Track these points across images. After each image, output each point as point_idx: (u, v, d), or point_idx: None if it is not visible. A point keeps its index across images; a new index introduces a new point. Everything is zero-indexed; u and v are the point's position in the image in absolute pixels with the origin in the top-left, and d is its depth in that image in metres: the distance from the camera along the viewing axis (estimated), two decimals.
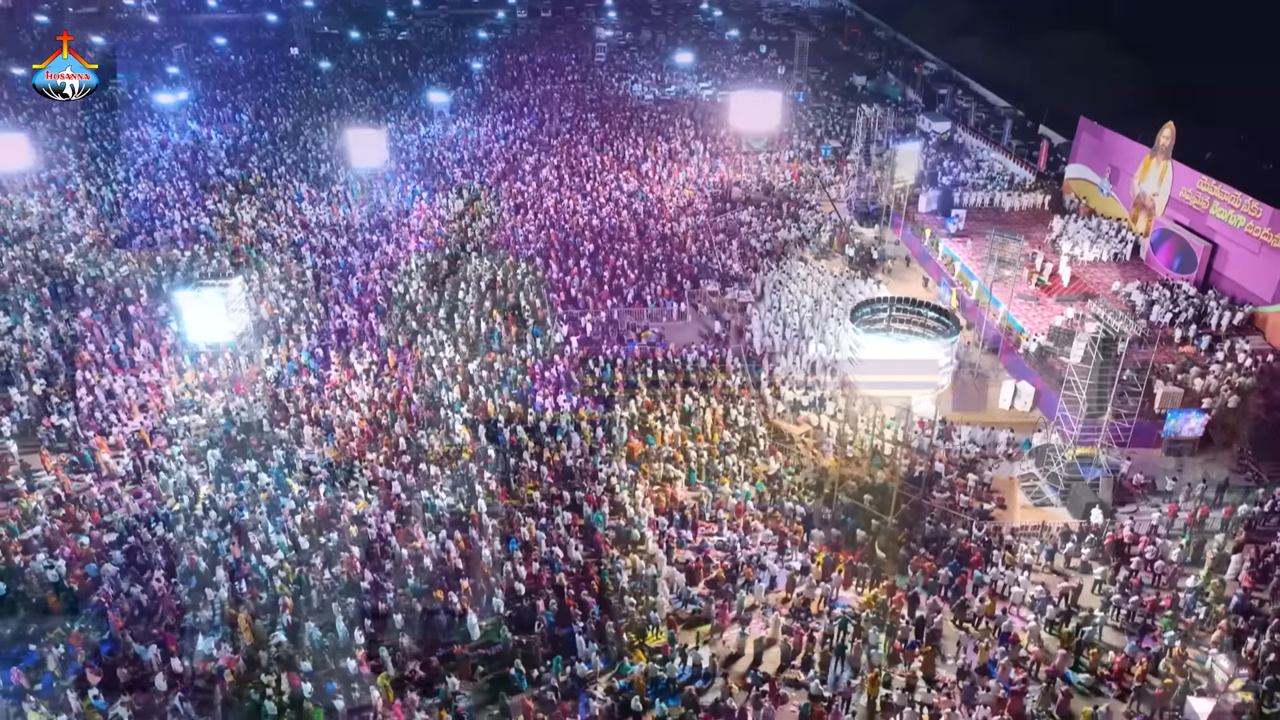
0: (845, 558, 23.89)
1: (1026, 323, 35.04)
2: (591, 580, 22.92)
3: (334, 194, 52.55)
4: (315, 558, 23.93)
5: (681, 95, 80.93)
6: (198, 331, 28.93)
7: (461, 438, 29.00)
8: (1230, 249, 36.53)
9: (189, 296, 27.75)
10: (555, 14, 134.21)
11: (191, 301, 27.78)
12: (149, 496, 26.41)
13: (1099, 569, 23.69)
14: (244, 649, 21.26)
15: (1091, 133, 47.88)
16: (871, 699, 19.94)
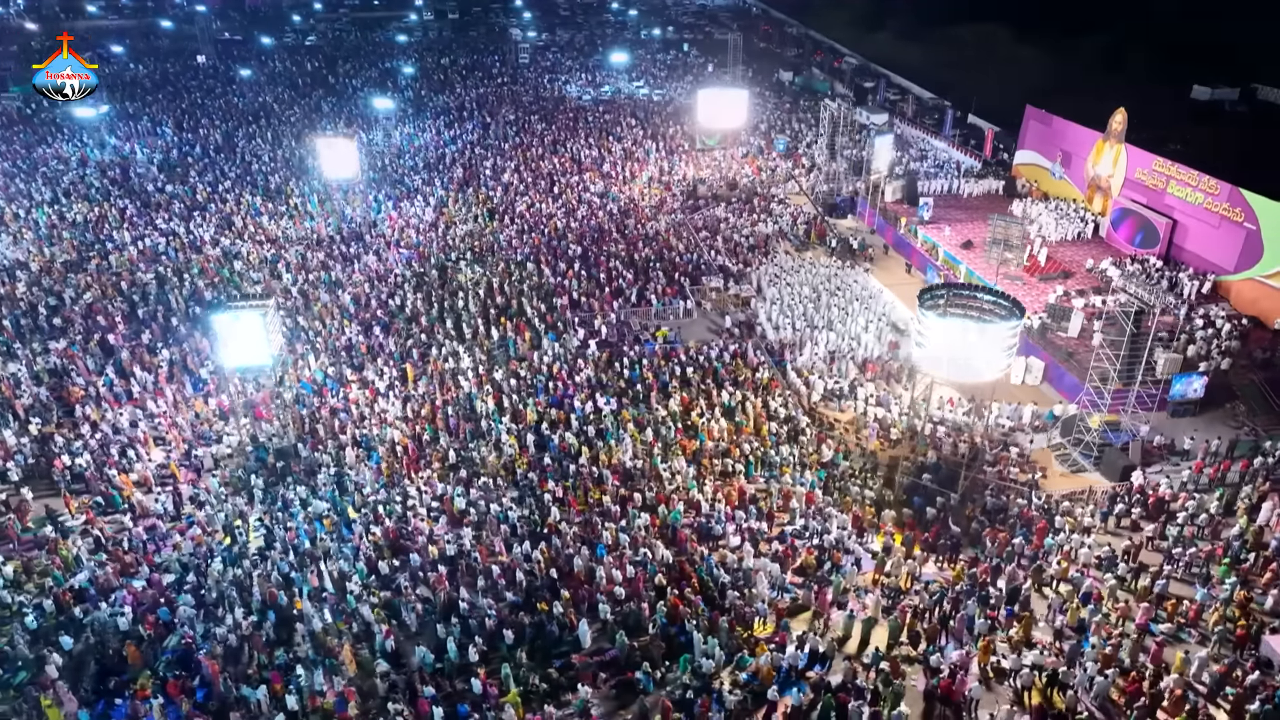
0: (920, 536, 24.83)
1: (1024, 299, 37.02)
2: (690, 578, 23.08)
3: (292, 207, 50.55)
4: (401, 579, 23.25)
5: (618, 95, 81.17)
6: (235, 355, 27.49)
7: (512, 447, 28.58)
8: (1190, 224, 39.53)
9: (227, 319, 26.36)
10: (462, 15, 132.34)
11: (230, 324, 26.39)
12: (199, 532, 24.99)
13: (1149, 526, 25.38)
14: (350, 680, 20.54)
15: (1039, 120, 50.78)
16: (983, 666, 20.88)
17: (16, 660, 20.83)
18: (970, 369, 24.73)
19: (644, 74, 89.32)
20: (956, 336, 23.95)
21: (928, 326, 24.75)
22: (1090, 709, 19.60)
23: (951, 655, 20.88)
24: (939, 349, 24.46)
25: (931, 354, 25.06)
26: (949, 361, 24.57)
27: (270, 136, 64.90)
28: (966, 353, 24.11)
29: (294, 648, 21.50)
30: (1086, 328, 34.55)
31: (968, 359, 24.33)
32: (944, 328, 24.17)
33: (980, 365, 24.47)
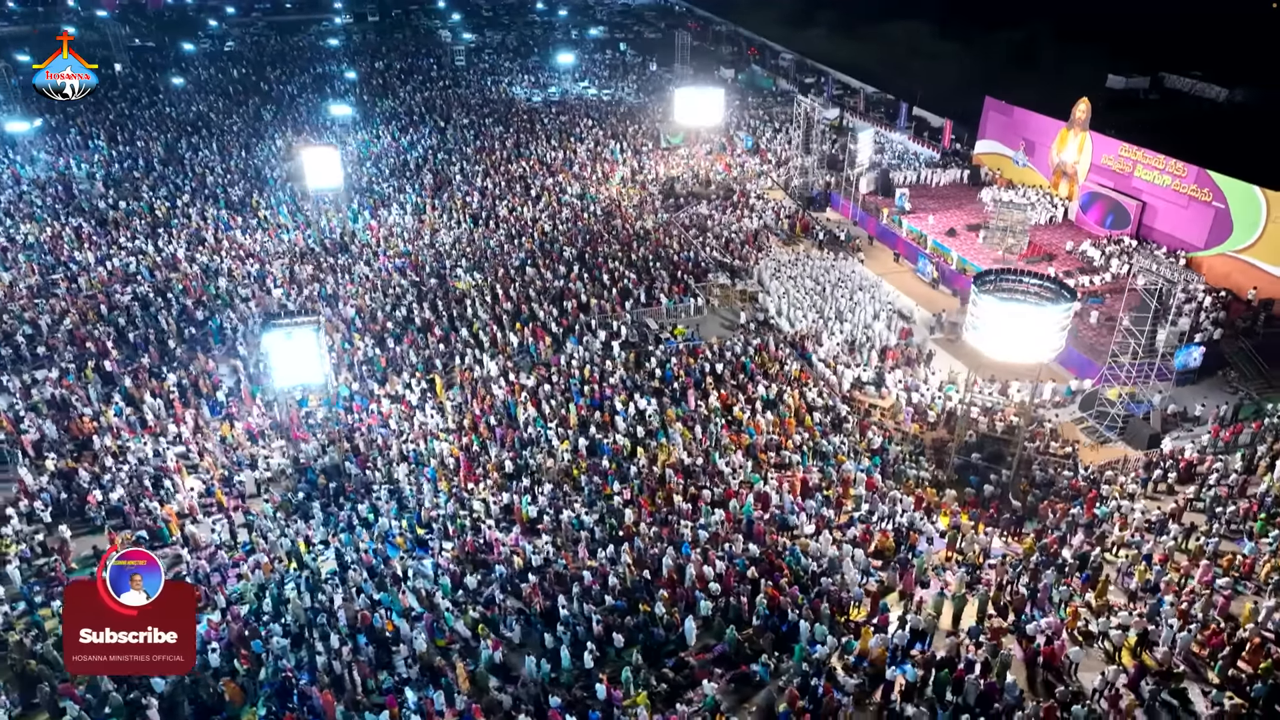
0: (984, 513, 25.86)
1: None
2: (781, 569, 23.45)
3: (262, 219, 48.71)
4: (493, 591, 22.89)
5: (567, 96, 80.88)
6: (287, 374, 26.43)
7: (568, 452, 28.40)
8: (1159, 205, 42.09)
9: (278, 338, 25.31)
10: (383, 18, 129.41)
11: (282, 343, 25.35)
12: (265, 560, 23.99)
13: (1183, 490, 27.04)
14: (466, 697, 20.15)
15: (999, 110, 53.11)
16: (1071, 631, 21.94)
17: (107, 709, 19.67)
18: (1024, 350, 25.86)
19: (588, 74, 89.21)
20: (1012, 319, 25.00)
21: (984, 309, 25.77)
22: (1178, 664, 20.83)
23: (1042, 623, 21.84)
24: (994, 331, 25.49)
25: (986, 336, 26.10)
26: (1003, 343, 25.63)
27: (216, 147, 62.21)
28: (1021, 334, 25.20)
29: (396, 670, 20.98)
30: (1084, 308, 36.47)
31: (1022, 340, 25.43)
32: (1000, 310, 25.19)
33: (1034, 346, 25.62)
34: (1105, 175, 44.92)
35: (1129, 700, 19.50)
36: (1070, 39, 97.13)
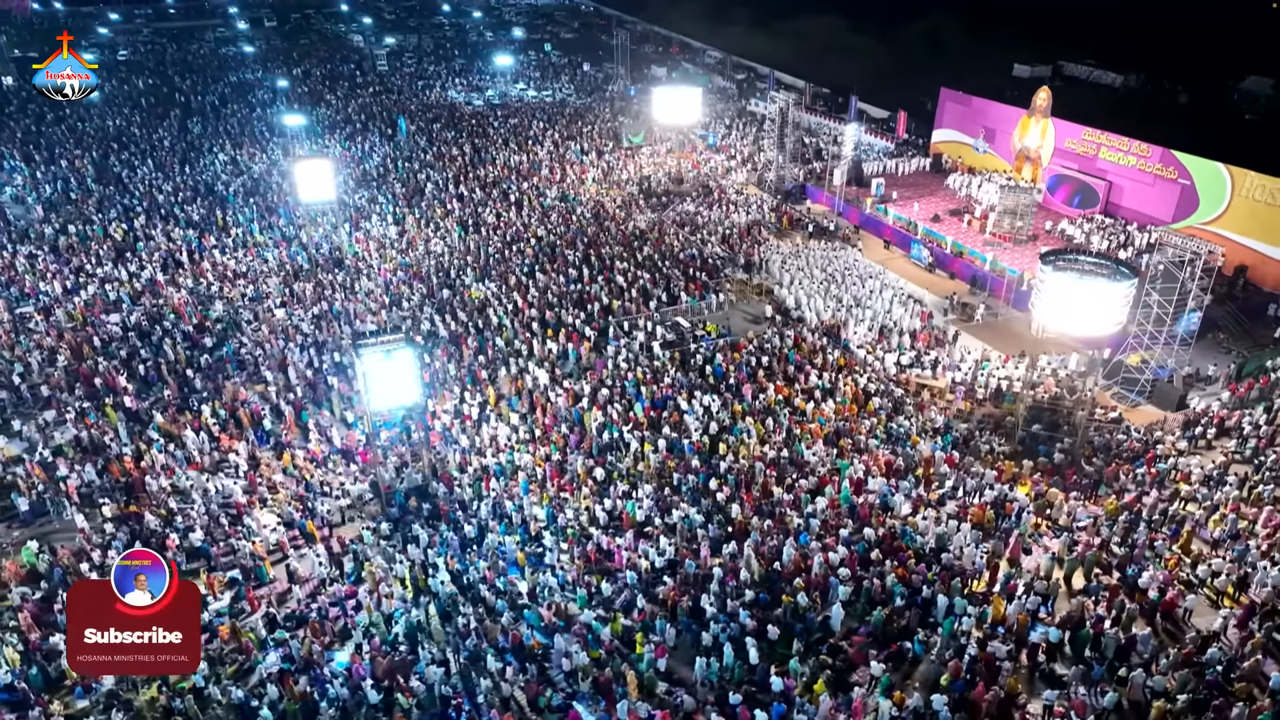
0: (1064, 479, 27.43)
1: (1011, 264, 41.05)
2: (902, 548, 24.26)
3: (235, 238, 46.26)
4: (630, 596, 22.78)
5: (508, 99, 79.83)
6: (383, 397, 25.30)
7: (655, 454, 28.40)
8: (1125, 184, 45.28)
9: (376, 358, 24.20)
10: (281, 24, 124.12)
11: (380, 364, 24.27)
12: (385, 588, 23.08)
13: (1225, 443, 29.40)
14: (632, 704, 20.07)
15: (957, 101, 55.82)
16: (1176, 579, 23.64)
17: None
18: (1088, 323, 27.55)
19: (520, 76, 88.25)
20: (1078, 294, 26.61)
21: (1051, 285, 27.31)
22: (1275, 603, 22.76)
23: (1151, 575, 23.39)
24: (1061, 305, 27.08)
25: (1053, 310, 27.67)
26: (1069, 316, 27.25)
27: (153, 164, 58.42)
28: (1086, 308, 26.85)
29: (559, 686, 20.66)
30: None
31: (1086, 314, 27.09)
32: (1068, 286, 26.74)
33: (1098, 320, 27.32)
34: (1070, 158, 47.96)
35: (1255, 639, 21.22)
36: (975, 31, 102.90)
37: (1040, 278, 28.29)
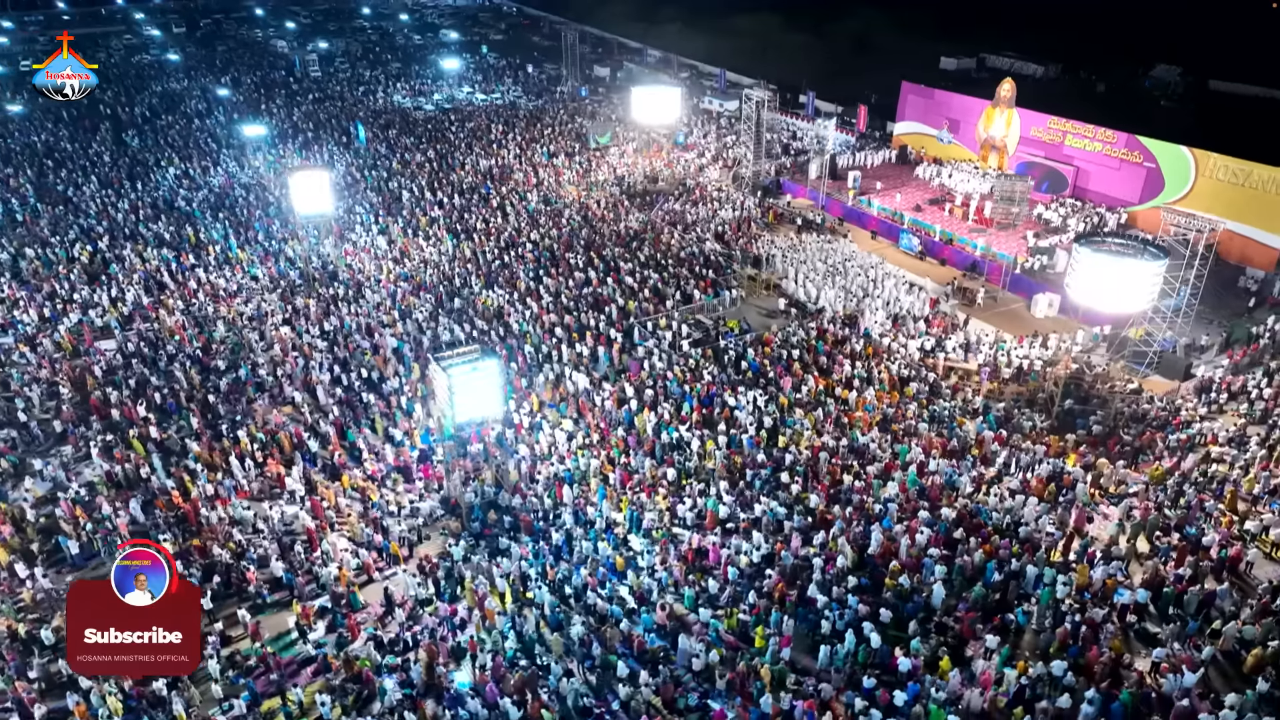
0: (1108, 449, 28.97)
1: (1001, 249, 42.94)
2: (981, 525, 25.22)
3: (215, 256, 44.27)
4: (737, 591, 23.03)
5: (458, 103, 78.51)
6: (467, 409, 24.66)
7: (720, 450, 28.66)
8: (1092, 169, 47.85)
9: (464, 372, 23.63)
10: (190, 30, 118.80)
11: (466, 377, 23.70)
12: (488, 605, 22.68)
13: (1237, 406, 31.53)
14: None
15: (918, 94, 57.83)
16: (1233, 535, 25.31)
17: None
18: (1120, 300, 29.18)
19: (466, 80, 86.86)
20: (1115, 273, 28.19)
21: (1085, 263, 28.85)
22: None
23: (1215, 535, 24.92)
24: (1094, 284, 28.66)
25: (1087, 288, 29.23)
26: (1103, 294, 28.86)
27: (98, 181, 55.23)
28: (1119, 286, 28.46)
29: (687, 686, 20.77)
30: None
31: (1119, 292, 28.71)
32: (1106, 265, 28.28)
33: (1130, 297, 28.97)
34: (1036, 146, 50.37)
35: None
36: (901, 26, 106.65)
37: (1076, 258, 29.74)
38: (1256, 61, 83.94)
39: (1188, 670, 20.41)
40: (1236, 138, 45.29)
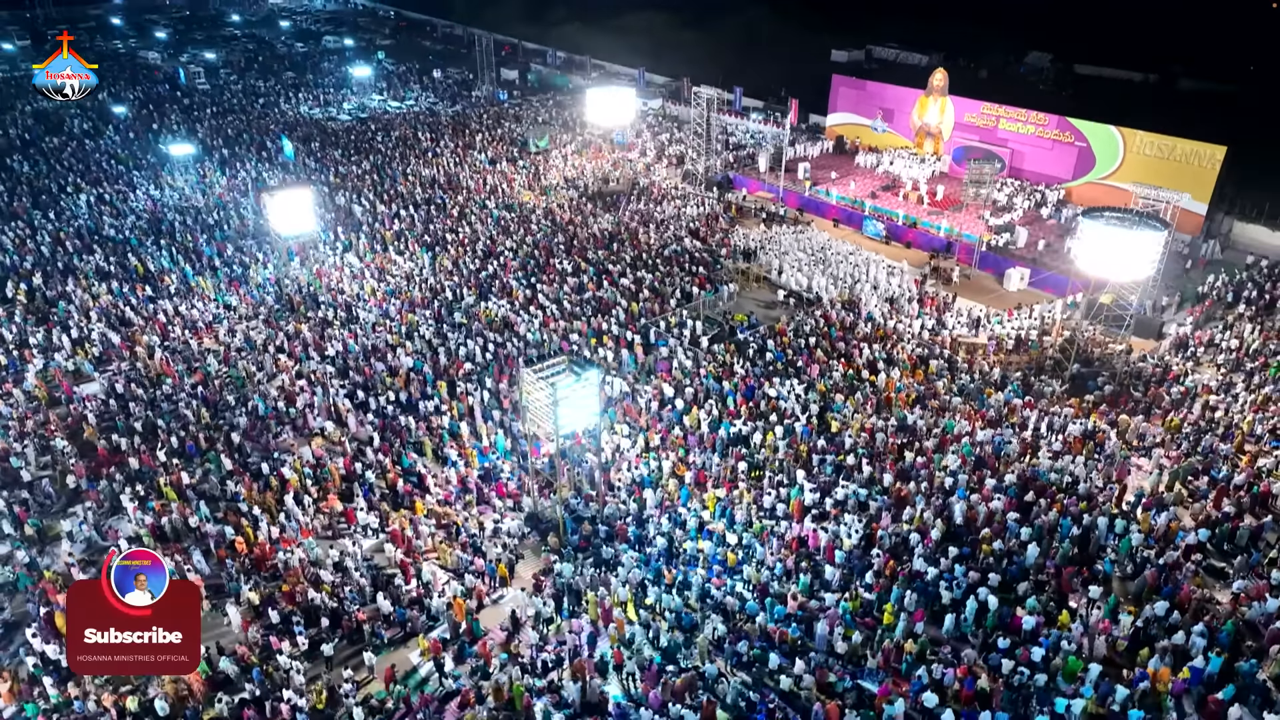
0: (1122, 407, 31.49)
1: (966, 229, 45.64)
2: (1044, 487, 26.98)
3: (173, 286, 41.26)
4: (850, 573, 23.84)
5: (374, 111, 75.69)
6: (569, 421, 24.09)
7: (783, 440, 29.32)
8: (1025, 150, 51.41)
9: (568, 383, 23.12)
10: (37, 42, 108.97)
11: (570, 389, 23.21)
12: (616, 615, 22.52)
13: (1216, 358, 34.83)
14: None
15: (850, 86, 60.38)
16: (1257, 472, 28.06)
17: None
18: (1125, 269, 31.76)
19: (373, 87, 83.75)
20: (1118, 243, 30.70)
21: (1089, 234, 31.31)
22: None
23: (1238, 476, 27.59)
24: (1101, 253, 31.13)
25: (1091, 254, 31.72)
26: (1103, 261, 31.41)
27: (30, 215, 50.02)
28: (1124, 256, 31.01)
29: (837, 670, 21.37)
30: (1033, 238, 44.26)
31: (1124, 261, 31.27)
32: (1113, 236, 30.74)
33: (1130, 265, 31.58)
34: (970, 131, 53.63)
35: None
36: (790, 20, 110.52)
37: (1082, 230, 32.28)
38: (1116, 46, 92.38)
39: (1269, 597, 22.66)
40: (1108, 115, 49.37)
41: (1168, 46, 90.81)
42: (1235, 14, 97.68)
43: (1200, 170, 44.30)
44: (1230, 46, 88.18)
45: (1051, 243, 44.75)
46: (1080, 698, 19.86)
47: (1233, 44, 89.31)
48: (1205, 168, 44.05)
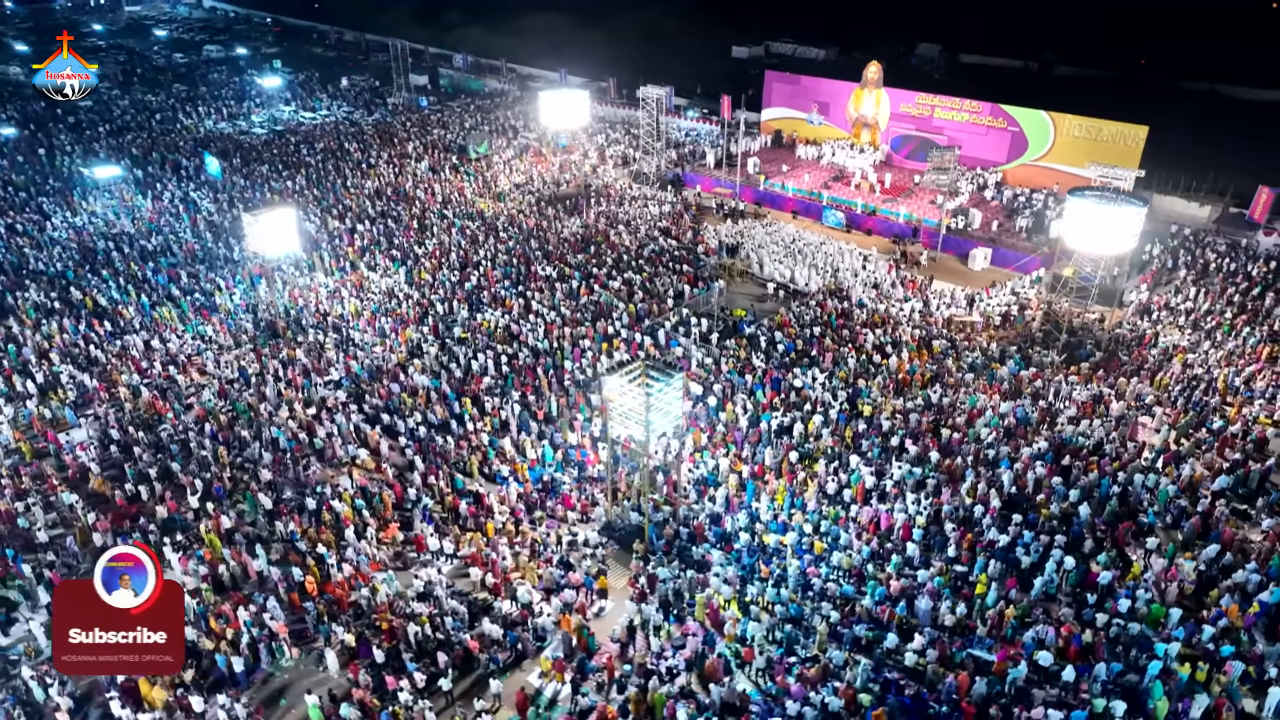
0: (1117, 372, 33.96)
1: (922, 214, 47.92)
2: (1074, 451, 28.84)
3: (134, 319, 38.38)
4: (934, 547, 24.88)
5: (288, 122, 72.13)
6: (660, 424, 23.82)
7: (827, 426, 30.10)
8: (961, 136, 54.26)
9: (660, 388, 22.89)
10: None
11: (663, 393, 22.99)
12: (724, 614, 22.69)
13: (1177, 320, 37.98)
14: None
15: (784, 81, 62.07)
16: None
17: None
18: (1104, 244, 34.25)
19: (277, 98, 79.76)
20: (1102, 219, 33.13)
21: (1075, 211, 33.63)
22: None
23: (1233, 427, 30.27)
24: (1085, 229, 33.54)
25: (1077, 231, 34.07)
26: (1089, 237, 33.85)
27: None
28: (1107, 231, 33.48)
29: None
30: (986, 218, 46.94)
31: (1104, 236, 33.75)
32: (1093, 212, 33.14)
33: (1113, 240, 34.06)
34: (906, 120, 56.18)
35: None
36: (688, 18, 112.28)
37: (1068, 206, 34.61)
38: (996, 36, 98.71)
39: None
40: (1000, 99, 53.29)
41: (1042, 36, 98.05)
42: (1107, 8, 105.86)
43: (1126, 148, 47.95)
44: (1102, 36, 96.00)
45: (1002, 222, 47.59)
46: (1173, 640, 21.46)
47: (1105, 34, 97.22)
48: (1130, 146, 47.74)
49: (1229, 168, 48.94)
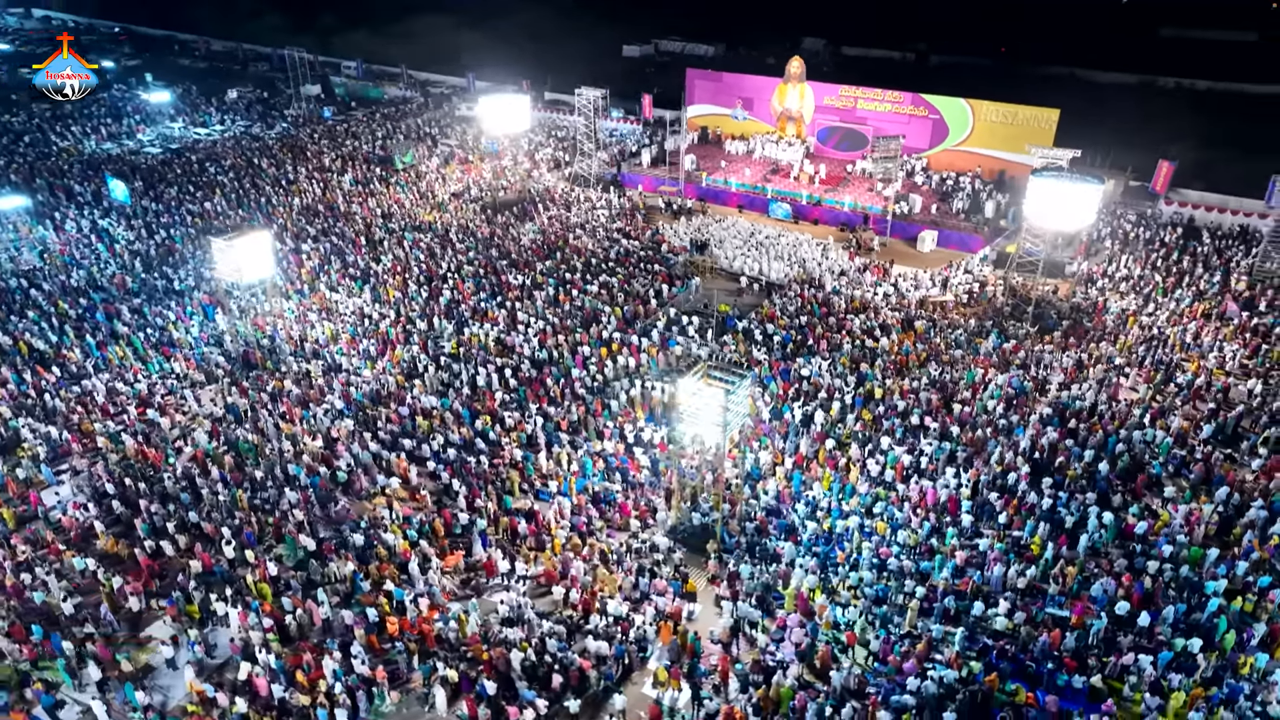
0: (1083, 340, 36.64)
1: (865, 202, 49.99)
2: (1075, 414, 31.00)
3: (84, 363, 35.19)
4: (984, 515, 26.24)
5: (179, 139, 67.26)
6: (734, 425, 23.77)
7: (850, 414, 31.07)
8: (885, 126, 56.72)
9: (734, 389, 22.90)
10: None
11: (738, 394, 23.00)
12: (824, 604, 23.20)
13: (1119, 287, 41.25)
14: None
15: (706, 79, 63.08)
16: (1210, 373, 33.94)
17: None
18: (1066, 220, 36.86)
19: (160, 114, 74.14)
20: (1063, 195, 35.71)
21: (1039, 190, 36.08)
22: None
23: (1198, 380, 33.30)
24: (1048, 206, 36.06)
25: (1040, 209, 36.56)
26: (1051, 214, 36.40)
27: None
28: (1067, 207, 36.09)
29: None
30: (926, 203, 49.48)
31: (1065, 212, 36.36)
32: (1054, 190, 35.67)
33: (1072, 216, 36.72)
34: (831, 113, 58.30)
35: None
36: (571, 18, 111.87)
37: (1031, 185, 37.02)
38: (873, 27, 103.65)
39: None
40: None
41: (915, 27, 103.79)
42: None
43: (1040, 130, 51.52)
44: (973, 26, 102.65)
45: (939, 205, 50.29)
46: (1217, 578, 23.56)
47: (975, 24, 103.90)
48: (1044, 128, 51.34)
49: (1115, 145, 53.36)
